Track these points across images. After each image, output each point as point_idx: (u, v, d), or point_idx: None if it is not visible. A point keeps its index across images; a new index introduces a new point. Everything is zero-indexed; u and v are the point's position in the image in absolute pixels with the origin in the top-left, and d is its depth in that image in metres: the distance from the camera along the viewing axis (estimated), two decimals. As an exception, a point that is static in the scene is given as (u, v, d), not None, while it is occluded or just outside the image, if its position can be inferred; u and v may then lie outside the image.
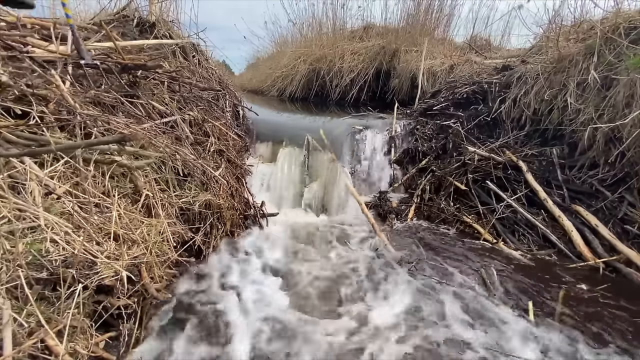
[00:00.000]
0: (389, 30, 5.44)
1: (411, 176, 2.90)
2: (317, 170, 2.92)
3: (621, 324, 1.50)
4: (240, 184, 2.51)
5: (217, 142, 2.47)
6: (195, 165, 2.06)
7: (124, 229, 1.44)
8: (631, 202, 2.11)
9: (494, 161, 2.57)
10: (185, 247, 1.83)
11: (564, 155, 2.51)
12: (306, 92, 5.70)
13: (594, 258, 1.95)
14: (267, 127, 3.33)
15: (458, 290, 1.73)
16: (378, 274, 1.87)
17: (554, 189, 2.38)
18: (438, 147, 2.95)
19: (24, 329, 1.00)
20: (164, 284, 1.60)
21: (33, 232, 1.19)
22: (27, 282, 1.06)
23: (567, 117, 2.40)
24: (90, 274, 1.21)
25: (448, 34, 5.41)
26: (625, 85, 2.03)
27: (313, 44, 5.79)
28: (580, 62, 2.33)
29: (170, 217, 1.77)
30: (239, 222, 2.31)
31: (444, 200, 2.60)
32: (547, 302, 1.65)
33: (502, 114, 2.88)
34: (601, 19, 2.38)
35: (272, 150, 3.07)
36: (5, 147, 1.30)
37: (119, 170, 1.62)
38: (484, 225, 2.36)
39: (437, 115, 3.32)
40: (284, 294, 1.72)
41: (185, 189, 1.97)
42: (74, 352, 1.08)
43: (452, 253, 2.08)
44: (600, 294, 1.69)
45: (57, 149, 1.34)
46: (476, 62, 3.88)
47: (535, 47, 3.08)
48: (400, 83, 4.86)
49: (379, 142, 3.17)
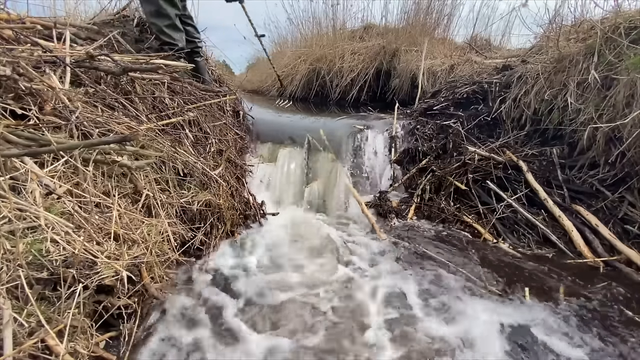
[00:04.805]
0: (389, 30, 5.44)
1: (411, 176, 2.90)
2: (318, 170, 2.92)
3: (619, 322, 1.50)
4: (240, 184, 2.51)
5: (217, 142, 2.48)
6: (196, 165, 2.06)
7: (124, 228, 1.44)
8: (631, 202, 2.11)
9: (494, 161, 2.57)
10: (186, 246, 1.83)
11: (564, 155, 2.51)
12: (306, 92, 5.70)
13: (594, 258, 1.95)
14: (267, 127, 3.33)
15: (454, 283, 1.74)
16: (377, 272, 1.87)
17: (554, 189, 2.38)
18: (438, 147, 2.95)
19: (25, 329, 1.00)
20: (165, 283, 1.60)
21: (33, 232, 1.19)
22: (27, 282, 1.06)
23: (567, 117, 2.39)
24: (91, 274, 1.21)
25: (448, 34, 5.40)
26: (626, 85, 2.03)
27: (313, 44, 5.79)
28: (580, 62, 2.33)
29: (171, 217, 1.77)
30: (239, 222, 2.31)
31: (444, 200, 2.60)
32: (545, 295, 1.67)
33: (502, 113, 2.88)
34: (601, 19, 2.38)
35: (273, 150, 3.07)
36: (6, 147, 1.30)
37: (119, 170, 1.62)
38: (484, 225, 2.36)
39: (437, 115, 3.32)
40: (284, 293, 1.72)
41: (186, 189, 1.98)
42: (75, 352, 1.08)
43: (451, 251, 2.08)
44: (600, 293, 1.69)
45: (58, 149, 1.34)
46: (476, 62, 3.88)
47: (536, 47, 3.07)
48: (400, 83, 4.86)
49: (379, 142, 3.17)
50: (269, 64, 5.37)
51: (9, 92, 1.51)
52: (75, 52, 1.90)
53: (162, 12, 2.49)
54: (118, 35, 2.49)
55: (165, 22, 2.52)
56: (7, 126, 1.39)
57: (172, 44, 2.58)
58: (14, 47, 1.71)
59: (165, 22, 2.52)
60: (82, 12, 3.09)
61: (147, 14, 2.57)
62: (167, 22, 2.53)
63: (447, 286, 1.75)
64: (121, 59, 2.06)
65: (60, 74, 1.78)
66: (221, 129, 2.65)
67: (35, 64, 1.71)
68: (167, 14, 2.51)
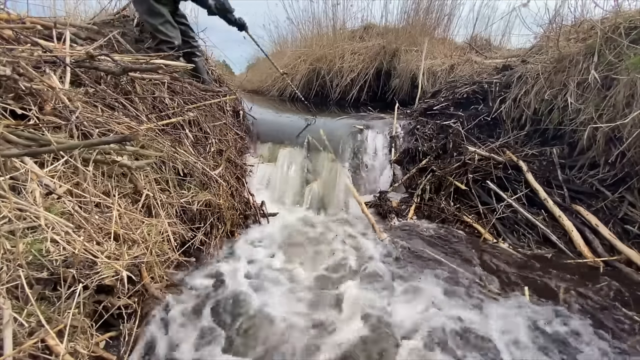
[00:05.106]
0: (389, 30, 5.44)
1: (411, 176, 2.90)
2: (318, 170, 2.92)
3: (619, 322, 1.50)
4: (240, 184, 2.51)
5: (217, 142, 2.48)
6: (196, 165, 2.06)
7: (125, 228, 1.44)
8: (631, 202, 2.11)
9: (494, 161, 2.57)
10: (186, 246, 1.83)
11: (564, 155, 2.51)
12: (306, 92, 5.70)
13: (594, 258, 1.95)
14: (267, 127, 3.33)
15: (451, 281, 1.75)
16: (377, 270, 1.87)
17: (554, 189, 2.37)
18: (438, 147, 2.95)
19: (25, 329, 1.01)
20: (164, 283, 1.60)
21: (33, 232, 1.19)
22: (27, 282, 1.06)
23: (567, 117, 2.39)
24: (91, 274, 1.21)
25: (448, 34, 5.41)
26: (626, 85, 2.03)
27: (313, 44, 5.79)
28: (580, 62, 2.33)
29: (171, 217, 1.77)
30: (239, 222, 2.31)
31: (444, 200, 2.60)
32: (545, 295, 1.67)
33: (502, 113, 2.88)
34: (601, 19, 2.38)
35: (273, 150, 3.07)
36: (6, 147, 1.30)
37: (119, 170, 1.62)
38: (484, 224, 2.36)
39: (438, 115, 3.32)
40: (284, 293, 1.72)
41: (186, 189, 1.98)
42: (75, 352, 1.08)
43: (451, 251, 2.08)
44: (600, 293, 1.69)
45: (58, 149, 1.34)
46: (476, 62, 3.88)
47: (536, 46, 3.07)
48: (400, 83, 4.86)
49: (379, 142, 3.17)
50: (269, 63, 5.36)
51: (9, 92, 1.51)
52: (75, 52, 1.90)
53: (155, 11, 2.51)
54: (118, 35, 2.49)
55: (160, 20, 2.54)
56: (7, 126, 1.39)
57: (169, 41, 2.58)
58: (14, 47, 1.71)
59: (160, 19, 2.54)
60: (82, 12, 3.10)
61: (141, 14, 2.60)
62: (162, 19, 2.55)
63: (446, 286, 1.75)
64: (121, 59, 2.06)
65: (60, 74, 1.78)
66: (221, 129, 2.66)
67: (35, 64, 1.71)
68: (160, 12, 2.53)
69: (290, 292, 1.73)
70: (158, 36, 2.57)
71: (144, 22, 2.68)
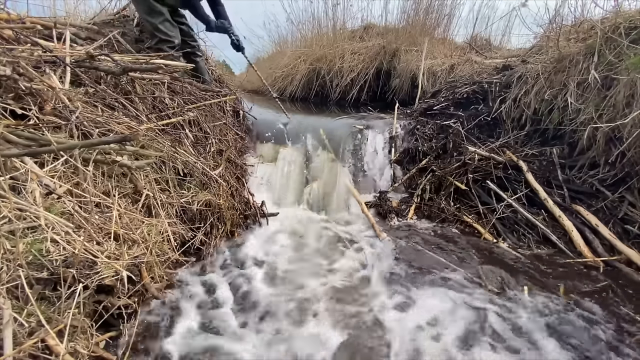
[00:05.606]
0: (389, 30, 5.44)
1: (411, 176, 2.90)
2: (318, 170, 2.92)
3: (619, 322, 1.50)
4: (240, 184, 2.51)
5: (217, 142, 2.48)
6: (196, 165, 2.06)
7: (125, 228, 1.44)
8: (631, 202, 2.11)
9: (494, 161, 2.57)
10: (186, 246, 1.83)
11: (564, 155, 2.51)
12: (306, 92, 5.70)
13: (594, 257, 1.95)
14: (267, 127, 3.32)
15: (451, 281, 1.74)
16: (377, 272, 1.87)
17: (554, 189, 2.37)
18: (438, 147, 2.95)
19: (25, 329, 1.01)
20: (164, 283, 1.60)
21: (33, 232, 1.19)
22: (27, 282, 1.06)
23: (567, 117, 2.39)
24: (91, 274, 1.21)
25: (448, 34, 5.40)
26: (626, 85, 2.03)
27: (313, 44, 5.78)
28: (580, 62, 2.33)
29: (171, 217, 1.77)
30: (239, 222, 2.31)
31: (444, 200, 2.60)
32: (545, 295, 1.67)
33: (502, 113, 2.88)
34: (601, 19, 2.38)
35: (273, 150, 3.07)
36: (6, 147, 1.30)
37: (119, 170, 1.62)
38: (484, 224, 2.36)
39: (438, 115, 3.32)
40: (284, 293, 1.72)
41: (186, 189, 1.98)
42: (75, 352, 1.08)
43: (451, 251, 2.08)
44: (600, 292, 1.69)
45: (58, 149, 1.34)
46: (476, 62, 3.88)
47: (536, 46, 3.07)
48: (400, 83, 4.86)
49: (379, 141, 3.17)
50: (268, 64, 5.37)
51: (9, 92, 1.51)
52: (75, 52, 1.90)
53: (154, 10, 2.51)
54: (118, 35, 2.49)
55: (159, 19, 2.54)
56: (7, 126, 1.39)
57: (168, 40, 2.58)
58: (14, 47, 1.71)
59: (160, 18, 2.54)
60: (82, 12, 3.09)
61: (141, 13, 2.60)
62: (161, 18, 2.55)
63: (446, 286, 1.75)
64: (121, 59, 2.06)
65: (60, 74, 1.78)
66: (221, 129, 2.65)
67: (35, 64, 1.71)
68: (159, 11, 2.53)
69: (289, 292, 1.73)
70: (158, 35, 2.57)
71: (143, 22, 2.68)
